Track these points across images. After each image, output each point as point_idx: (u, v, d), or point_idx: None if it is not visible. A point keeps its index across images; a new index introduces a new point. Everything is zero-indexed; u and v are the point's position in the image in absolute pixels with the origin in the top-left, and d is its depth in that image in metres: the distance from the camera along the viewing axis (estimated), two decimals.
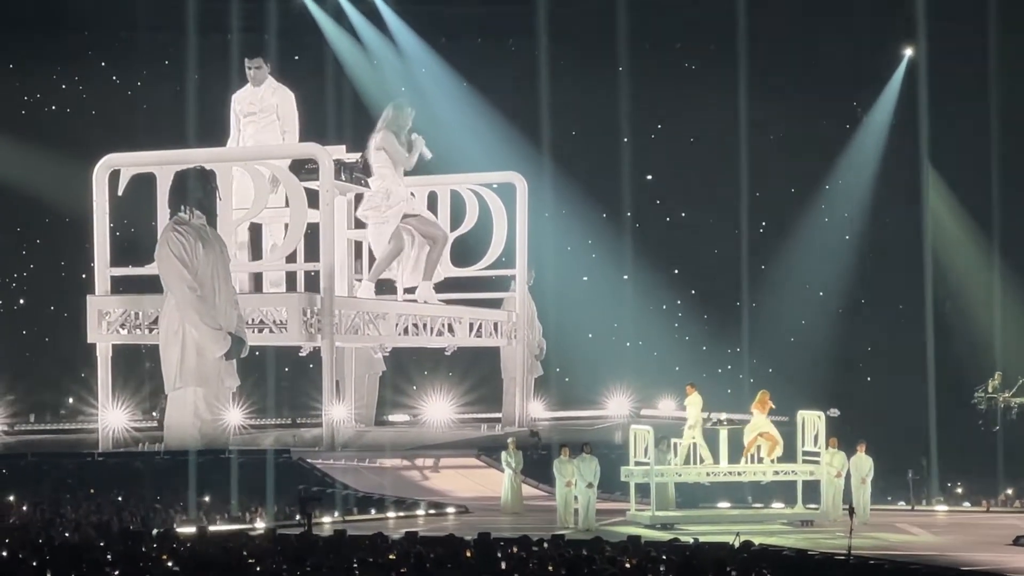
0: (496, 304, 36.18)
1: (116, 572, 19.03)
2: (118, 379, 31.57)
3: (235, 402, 30.03)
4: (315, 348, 30.50)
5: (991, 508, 30.42)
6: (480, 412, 37.20)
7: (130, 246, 33.93)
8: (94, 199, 31.14)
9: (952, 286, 41.61)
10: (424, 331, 33.18)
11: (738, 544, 21.89)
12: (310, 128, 34.06)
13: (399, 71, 41.95)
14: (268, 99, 33.28)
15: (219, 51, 38.06)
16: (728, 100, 40.43)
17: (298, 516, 25.65)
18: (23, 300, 42.02)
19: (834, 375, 39.96)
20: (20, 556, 19.94)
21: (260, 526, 25.89)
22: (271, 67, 33.74)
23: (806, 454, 27.94)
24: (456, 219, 35.70)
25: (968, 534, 26.44)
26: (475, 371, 38.55)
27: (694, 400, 28.53)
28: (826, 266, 42.24)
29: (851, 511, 24.11)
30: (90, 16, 40.04)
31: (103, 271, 31.17)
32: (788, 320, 42.00)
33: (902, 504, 30.64)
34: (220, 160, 30.76)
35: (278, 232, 32.94)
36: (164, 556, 19.95)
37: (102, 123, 40.43)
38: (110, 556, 19.97)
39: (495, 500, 29.43)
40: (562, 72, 40.48)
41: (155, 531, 23.44)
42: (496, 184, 36.16)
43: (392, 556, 20.19)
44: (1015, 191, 39.65)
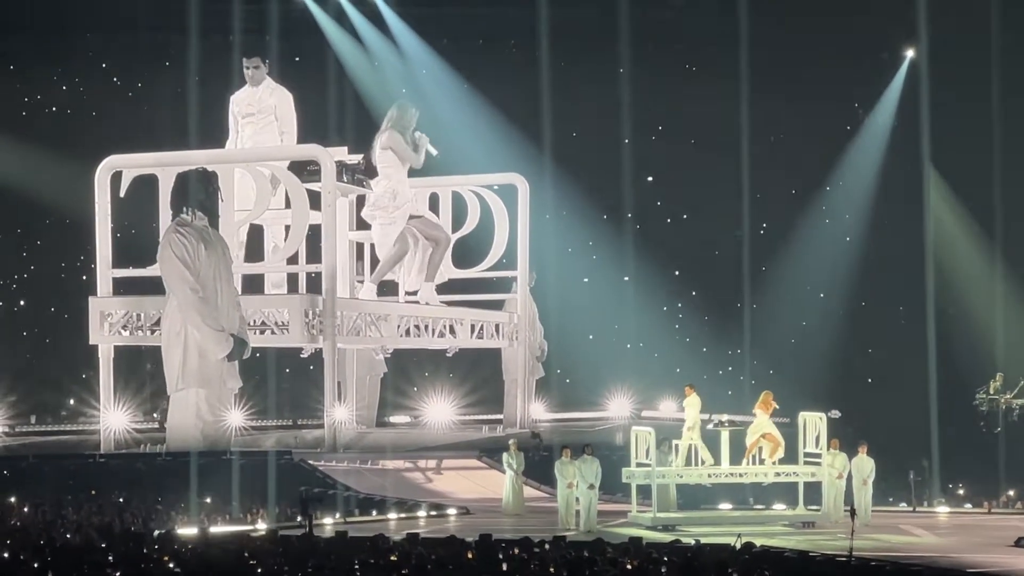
0: (497, 306, 36.16)
1: (117, 574, 19.06)
2: (119, 380, 31.53)
3: (237, 404, 29.98)
4: (317, 350, 30.49)
5: (993, 509, 30.36)
6: (481, 414, 37.13)
7: (132, 248, 33.88)
8: (96, 201, 31.10)
9: (953, 288, 41.58)
10: (425, 333, 33.16)
11: (739, 545, 21.87)
12: (311, 129, 34.03)
13: (400, 72, 41.94)
14: (266, 100, 33.26)
15: (220, 52, 38.03)
16: (729, 101, 40.41)
17: (299, 517, 25.67)
18: (24, 301, 42.01)
19: (835, 376, 39.93)
20: (21, 558, 19.95)
21: (262, 527, 25.81)
22: (271, 68, 33.73)
23: (807, 455, 27.90)
24: (457, 220, 35.67)
25: (970, 535, 26.40)
26: (476, 373, 38.52)
27: (692, 401, 28.48)
28: (827, 267, 42.24)
29: (852, 512, 24.13)
30: (90, 17, 40.03)
31: (105, 272, 31.13)
32: (789, 321, 41.99)
33: (903, 505, 30.59)
34: (222, 161, 30.73)
35: (279, 234, 32.95)
36: (165, 557, 19.97)
37: (102, 124, 40.43)
38: (111, 558, 19.99)
39: (496, 501, 29.39)
40: (563, 73, 40.47)
41: (156, 532, 23.44)
42: (497, 185, 36.11)
43: (393, 557, 20.21)
44: (1016, 192, 39.66)
